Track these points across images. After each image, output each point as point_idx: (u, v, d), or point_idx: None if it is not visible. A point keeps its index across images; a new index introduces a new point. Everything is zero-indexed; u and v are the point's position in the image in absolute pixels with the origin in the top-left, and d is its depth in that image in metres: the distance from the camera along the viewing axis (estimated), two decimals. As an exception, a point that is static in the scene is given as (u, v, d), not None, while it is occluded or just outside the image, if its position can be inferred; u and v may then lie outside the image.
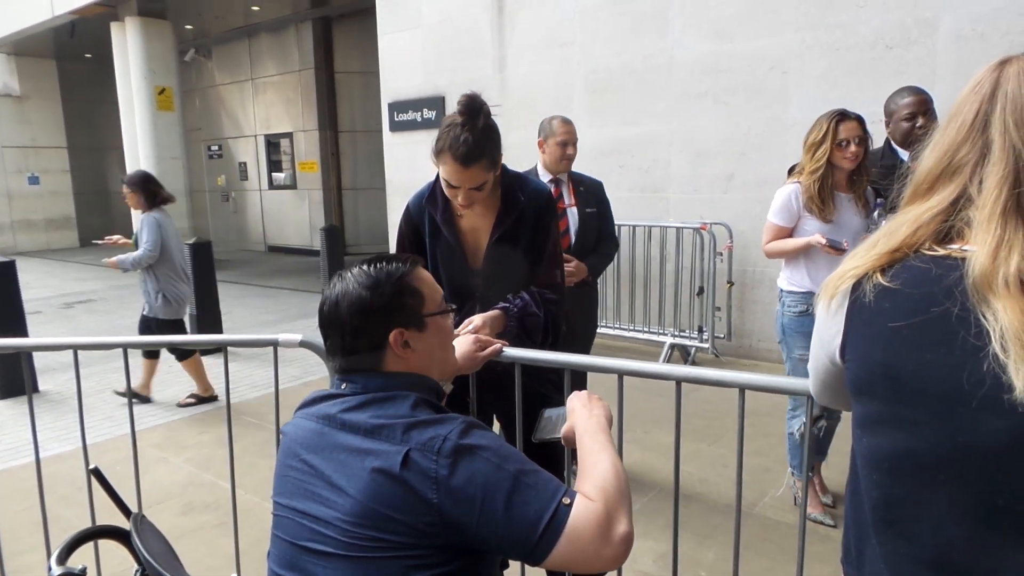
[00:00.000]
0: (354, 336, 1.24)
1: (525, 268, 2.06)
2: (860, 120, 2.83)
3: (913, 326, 0.82)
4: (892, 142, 3.07)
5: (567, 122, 3.27)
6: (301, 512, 1.15)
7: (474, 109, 1.85)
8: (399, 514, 1.06)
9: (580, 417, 1.30)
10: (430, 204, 2.06)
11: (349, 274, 1.28)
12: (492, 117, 1.91)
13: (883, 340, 0.85)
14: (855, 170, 2.85)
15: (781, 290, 3.05)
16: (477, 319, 1.88)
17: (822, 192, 2.83)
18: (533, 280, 2.06)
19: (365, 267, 1.28)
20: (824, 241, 2.77)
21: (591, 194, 3.30)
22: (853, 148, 2.78)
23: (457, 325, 1.92)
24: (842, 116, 2.81)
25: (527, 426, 1.83)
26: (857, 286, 0.90)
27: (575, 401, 1.35)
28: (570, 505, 1.05)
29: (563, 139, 3.21)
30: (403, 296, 1.26)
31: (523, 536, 1.04)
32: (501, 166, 2.03)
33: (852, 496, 0.94)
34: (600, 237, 3.31)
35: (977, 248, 0.81)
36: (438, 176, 2.01)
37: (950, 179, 0.87)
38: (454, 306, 1.42)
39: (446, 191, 1.96)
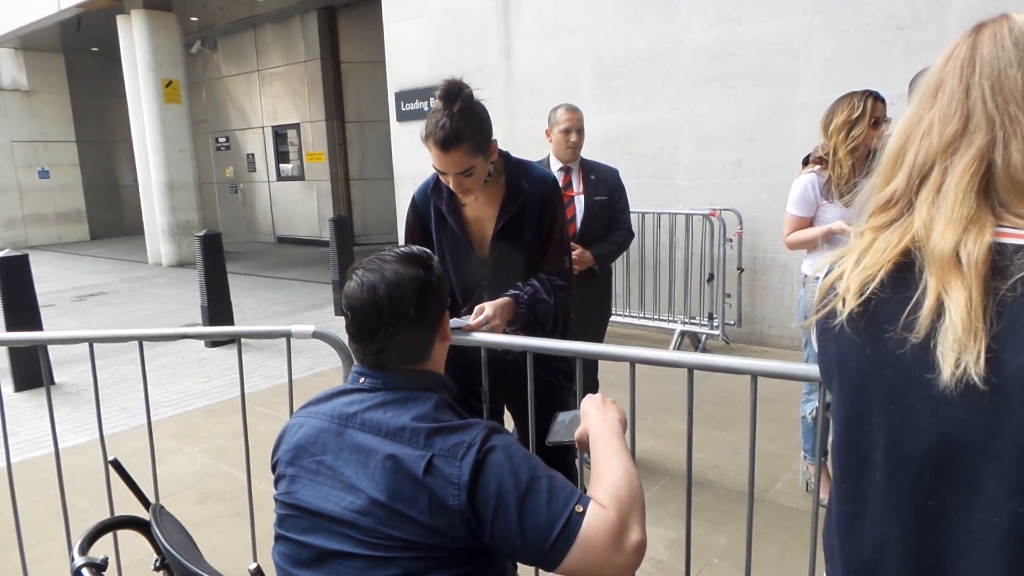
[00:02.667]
0: (418, 320, 1.20)
1: (531, 256, 2.05)
2: (884, 101, 2.82)
3: (855, 319, 0.82)
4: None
5: (571, 109, 3.25)
6: (316, 513, 1.14)
7: (451, 94, 1.82)
8: (420, 516, 1.07)
9: (594, 421, 1.29)
10: (435, 194, 2.06)
11: (390, 257, 1.23)
12: (475, 100, 1.87)
13: (835, 334, 0.85)
14: (870, 154, 2.83)
15: (805, 276, 3.04)
16: (488, 307, 1.88)
17: (854, 173, 2.78)
18: (541, 267, 2.05)
19: (404, 250, 1.26)
20: (848, 228, 2.74)
21: (603, 182, 3.28)
22: (884, 127, 2.78)
23: (468, 314, 1.92)
24: (874, 95, 2.79)
25: (538, 415, 1.84)
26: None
27: (589, 404, 1.34)
28: (583, 513, 1.05)
29: (565, 126, 3.20)
30: (444, 278, 1.29)
31: (536, 543, 1.05)
32: (500, 152, 2.01)
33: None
34: (611, 226, 3.30)
35: (942, 225, 0.76)
36: None
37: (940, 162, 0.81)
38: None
39: (441, 178, 1.96)
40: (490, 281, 2.05)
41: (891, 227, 0.83)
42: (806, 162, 3.04)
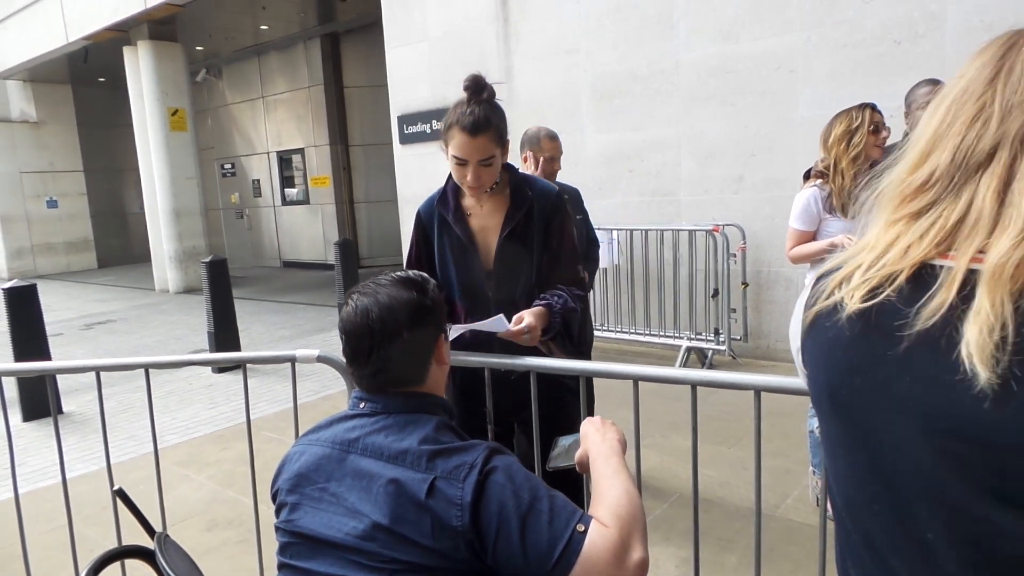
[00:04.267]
0: (411, 342, 1.22)
1: (539, 268, 2.06)
2: (880, 112, 2.90)
3: (847, 348, 0.78)
4: (910, 135, 3.09)
5: (554, 138, 3.24)
6: (320, 539, 1.15)
7: (478, 85, 1.92)
8: (424, 539, 1.08)
9: (593, 442, 1.29)
10: (441, 205, 2.08)
11: (385, 281, 1.25)
12: (497, 99, 1.97)
13: (824, 361, 0.82)
14: (870, 165, 2.86)
15: None
16: (527, 315, 1.89)
17: (856, 180, 2.82)
18: (555, 278, 2.05)
19: (400, 274, 1.27)
20: (851, 242, 2.75)
21: (575, 202, 3.31)
22: (884, 134, 2.85)
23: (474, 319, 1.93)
24: (871, 106, 2.86)
25: (545, 433, 1.83)
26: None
27: (588, 426, 1.35)
28: (584, 532, 1.06)
29: (551, 154, 3.25)
30: (439, 304, 1.29)
31: (538, 563, 1.05)
32: (509, 166, 2.05)
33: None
34: (589, 243, 3.36)
35: (1013, 238, 0.68)
36: (449, 178, 2.06)
37: (973, 172, 0.74)
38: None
39: (455, 174, 1.98)
40: (495, 292, 2.05)
41: (924, 216, 0.76)
42: (807, 176, 3.07)
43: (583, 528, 1.06)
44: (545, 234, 2.03)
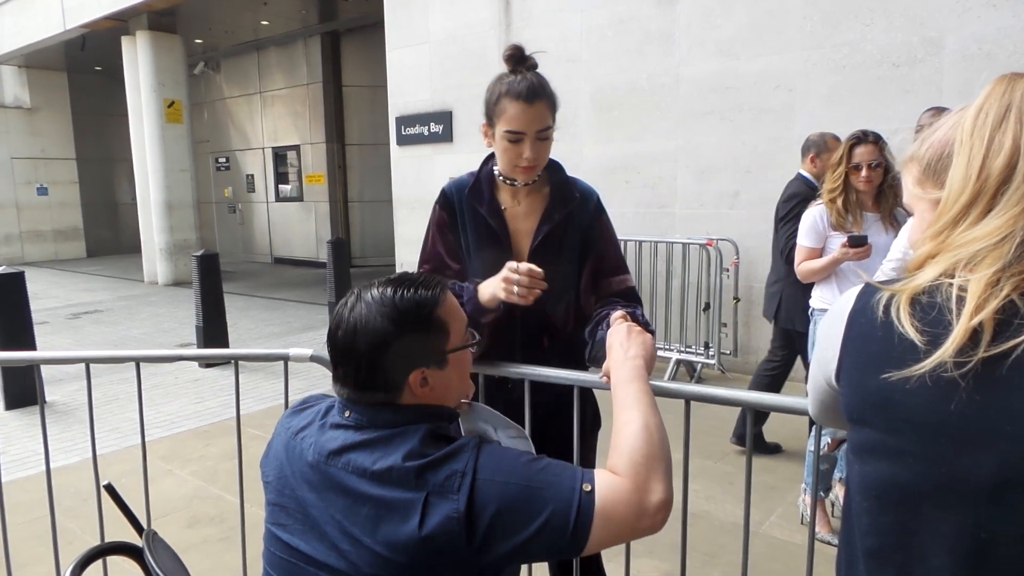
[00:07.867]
0: (370, 372, 1.12)
1: (576, 279, 1.82)
2: (878, 142, 2.85)
3: (903, 355, 0.80)
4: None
5: (838, 139, 3.46)
6: (307, 557, 1.09)
7: (519, 56, 1.72)
8: (424, 564, 1.02)
9: (615, 361, 1.18)
10: (473, 197, 1.78)
11: (370, 297, 1.14)
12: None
13: (876, 367, 0.83)
14: (881, 190, 2.89)
15: (813, 309, 3.08)
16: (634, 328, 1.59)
17: (845, 211, 2.89)
18: (607, 290, 1.81)
19: (390, 292, 1.13)
20: (846, 247, 2.79)
21: None
22: (866, 172, 2.83)
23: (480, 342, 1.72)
24: (858, 140, 2.86)
25: (538, 448, 1.68)
26: (859, 310, 0.87)
27: (613, 338, 1.22)
28: (592, 492, 1.02)
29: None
30: (430, 333, 1.15)
31: (555, 538, 1.01)
32: (551, 161, 1.82)
33: (845, 521, 0.94)
34: None
35: None
36: (481, 166, 1.82)
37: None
38: (478, 336, 1.26)
39: (506, 156, 1.71)
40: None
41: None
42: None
43: (589, 487, 1.02)
44: (587, 241, 1.80)
